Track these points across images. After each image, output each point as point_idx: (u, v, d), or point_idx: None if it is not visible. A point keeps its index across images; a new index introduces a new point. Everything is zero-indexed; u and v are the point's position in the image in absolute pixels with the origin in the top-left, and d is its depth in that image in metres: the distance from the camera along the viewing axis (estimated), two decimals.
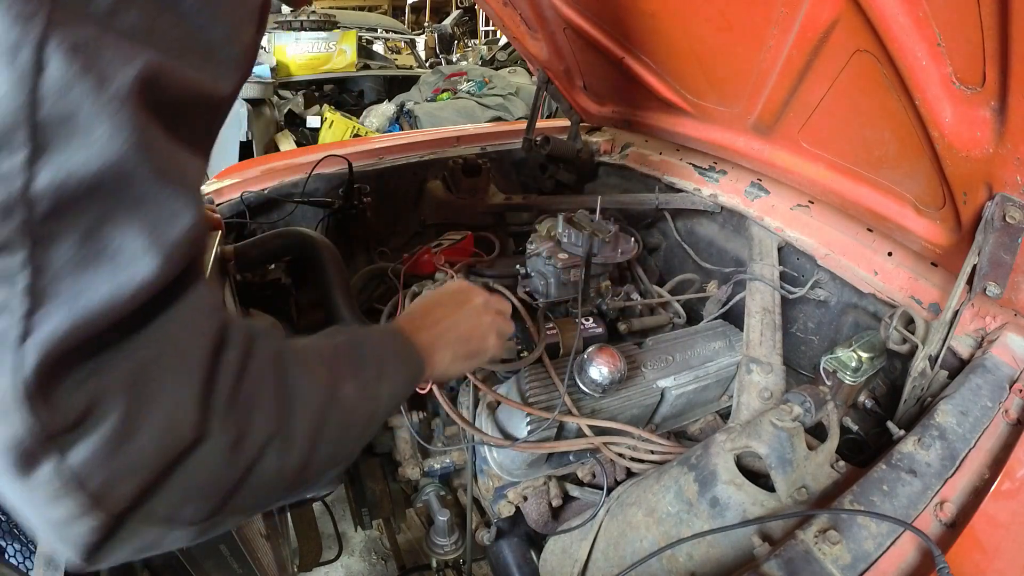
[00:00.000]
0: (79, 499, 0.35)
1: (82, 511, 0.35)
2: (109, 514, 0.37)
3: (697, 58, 1.31)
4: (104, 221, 0.32)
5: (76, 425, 0.34)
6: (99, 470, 0.35)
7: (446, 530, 1.33)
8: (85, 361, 0.34)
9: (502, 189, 1.99)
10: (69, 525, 0.36)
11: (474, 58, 8.29)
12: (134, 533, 0.39)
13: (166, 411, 0.38)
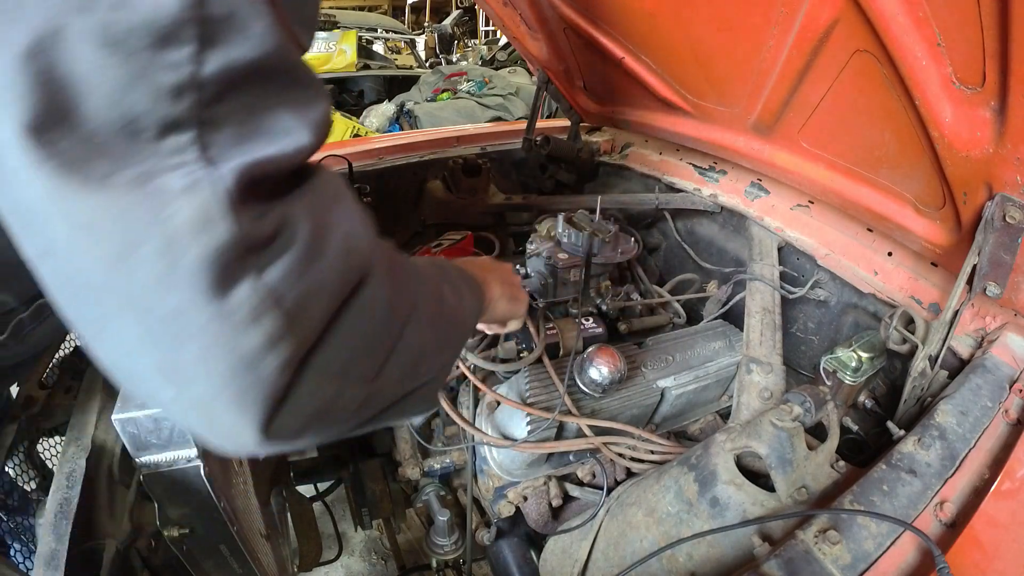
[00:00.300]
0: (274, 320, 0.36)
1: (276, 336, 0.36)
2: (298, 345, 0.38)
3: (697, 58, 1.31)
4: (261, 103, 0.36)
5: (271, 240, 0.36)
6: (292, 288, 0.37)
7: (446, 530, 1.33)
8: (270, 192, 0.37)
9: (502, 189, 1.99)
10: (261, 357, 0.36)
11: (474, 58, 8.29)
12: (313, 387, 0.40)
13: (343, 238, 0.41)
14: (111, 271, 0.33)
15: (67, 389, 0.94)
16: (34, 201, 0.32)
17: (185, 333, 0.35)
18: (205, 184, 0.33)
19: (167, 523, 0.78)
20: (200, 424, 0.39)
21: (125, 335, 0.35)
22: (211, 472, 0.75)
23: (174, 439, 0.71)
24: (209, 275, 0.34)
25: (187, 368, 0.36)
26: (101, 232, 0.32)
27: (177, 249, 0.33)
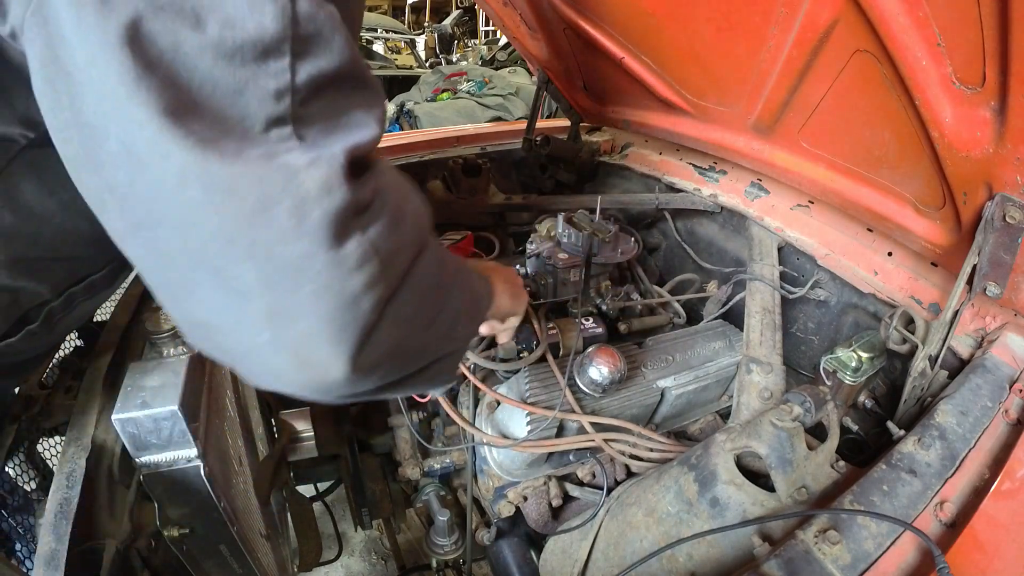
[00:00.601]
0: (373, 268, 0.45)
1: (374, 280, 0.46)
2: (387, 289, 0.48)
3: (697, 58, 1.31)
4: (341, 102, 0.46)
5: (370, 205, 0.46)
6: (386, 243, 0.47)
7: (446, 530, 1.33)
8: (362, 169, 0.46)
9: (502, 189, 1.99)
10: (361, 297, 0.45)
11: (474, 58, 8.28)
12: (390, 328, 0.49)
13: (414, 208, 0.54)
14: (246, 225, 0.41)
15: (67, 389, 0.94)
16: (168, 172, 0.39)
17: (303, 276, 0.43)
18: (324, 160, 0.43)
19: (167, 523, 0.78)
20: (291, 363, 0.46)
21: (241, 282, 0.43)
22: (211, 472, 0.75)
23: (174, 439, 0.71)
24: (330, 230, 0.43)
25: (297, 307, 0.44)
26: (241, 193, 0.40)
27: (305, 208, 0.42)
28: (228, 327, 0.46)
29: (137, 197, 0.41)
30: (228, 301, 0.44)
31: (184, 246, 0.42)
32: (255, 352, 0.47)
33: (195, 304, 0.46)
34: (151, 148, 0.38)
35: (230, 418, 1.02)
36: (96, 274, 0.78)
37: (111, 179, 0.41)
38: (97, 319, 1.13)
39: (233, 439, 1.02)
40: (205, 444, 0.75)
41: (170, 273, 0.45)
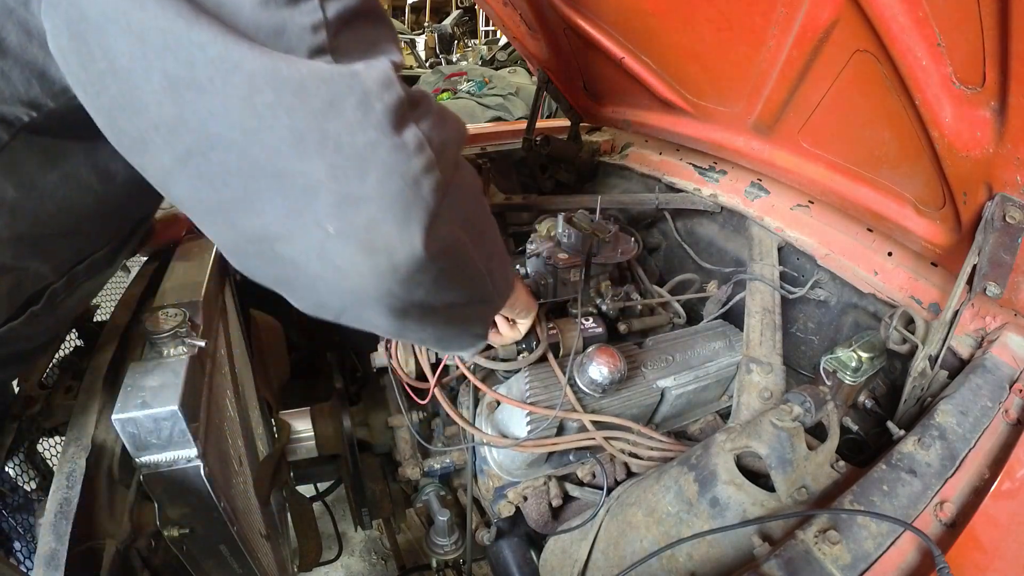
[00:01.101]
0: (429, 154, 0.51)
1: (430, 164, 0.51)
2: (442, 174, 0.52)
3: (697, 58, 1.31)
4: (368, 31, 0.52)
5: (420, 103, 0.53)
6: (436, 135, 0.53)
7: (446, 530, 1.33)
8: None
9: (502, 189, 1.99)
10: (422, 178, 0.50)
11: (474, 58, 8.28)
12: (449, 221, 0.55)
13: (453, 116, 0.61)
14: (317, 120, 0.45)
15: (67, 389, 0.94)
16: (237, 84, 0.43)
17: (371, 162, 0.48)
18: (378, 64, 0.49)
19: (167, 523, 0.78)
20: (357, 251, 0.50)
21: (309, 178, 0.46)
22: (211, 472, 0.75)
23: (174, 439, 0.71)
24: (392, 120, 0.48)
25: (366, 192, 0.48)
26: (312, 92, 0.45)
27: (370, 101, 0.47)
28: (291, 231, 0.49)
29: (189, 125, 0.44)
30: (293, 201, 0.47)
31: (244, 159, 0.46)
32: (320, 252, 0.50)
33: (254, 217, 0.49)
34: (217, 66, 0.42)
35: (230, 418, 1.02)
36: (97, 252, 0.80)
37: (156, 117, 0.44)
38: (97, 319, 1.13)
39: (233, 439, 1.02)
40: (205, 444, 0.75)
41: (225, 193, 0.48)
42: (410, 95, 0.51)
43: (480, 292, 0.71)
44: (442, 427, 1.36)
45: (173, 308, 0.83)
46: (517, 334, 1.14)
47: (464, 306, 0.70)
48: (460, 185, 0.58)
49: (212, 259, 1.09)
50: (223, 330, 1.09)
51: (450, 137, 0.56)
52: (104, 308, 1.17)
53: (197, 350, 0.80)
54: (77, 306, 0.89)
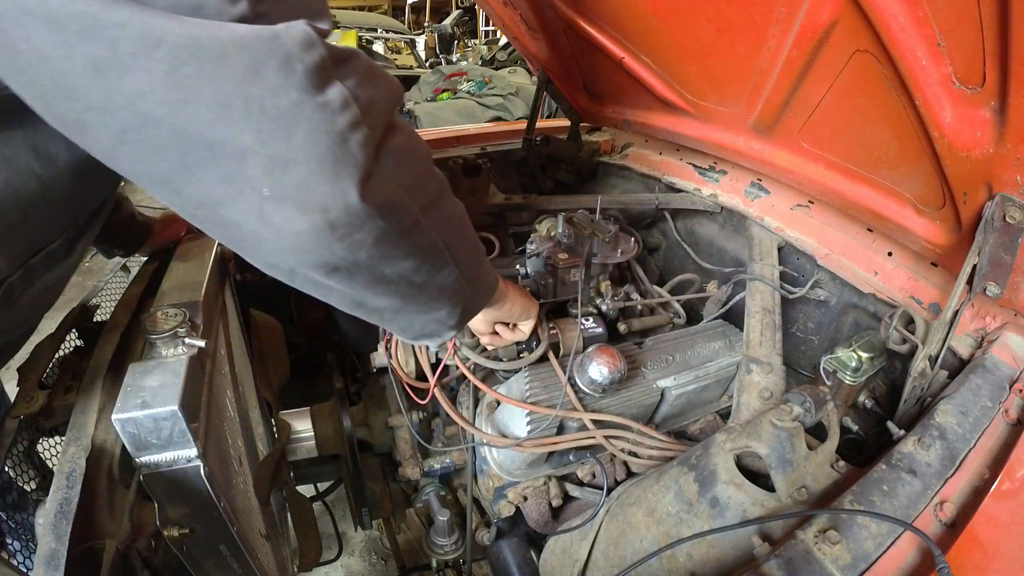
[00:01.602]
0: (354, 109, 0.51)
1: (357, 120, 0.51)
2: (371, 130, 0.52)
3: (697, 58, 1.31)
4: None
5: (346, 60, 0.52)
6: (363, 91, 0.52)
7: (446, 530, 1.33)
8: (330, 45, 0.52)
9: (502, 189, 1.99)
10: (349, 134, 0.50)
11: (474, 58, 8.28)
12: (386, 178, 0.55)
13: (382, 71, 0.58)
14: (241, 86, 0.45)
15: (67, 389, 0.94)
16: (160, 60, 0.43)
17: (296, 122, 0.48)
18: (299, 24, 0.48)
19: (167, 523, 0.78)
20: (293, 210, 0.50)
21: (238, 143, 0.47)
22: (211, 472, 0.75)
23: (174, 439, 0.71)
24: (314, 79, 0.48)
25: (294, 152, 0.48)
26: (233, 58, 0.45)
27: (291, 63, 0.47)
28: (229, 195, 0.50)
29: (118, 105, 0.44)
30: (226, 168, 0.48)
31: (178, 130, 0.46)
32: (259, 212, 0.51)
33: (194, 185, 0.50)
34: (138, 44, 0.42)
35: (230, 418, 1.02)
36: (52, 243, 0.79)
37: (87, 99, 0.44)
38: (97, 319, 1.13)
39: (233, 439, 1.02)
40: (205, 444, 0.75)
41: (164, 165, 0.48)
42: (334, 53, 0.51)
43: (439, 269, 0.70)
44: (442, 427, 1.36)
45: (173, 308, 0.83)
46: (521, 335, 1.15)
47: (423, 285, 0.69)
48: (400, 149, 0.58)
49: (212, 259, 1.09)
50: (223, 330, 1.09)
51: (379, 94, 0.55)
52: (104, 308, 1.17)
53: (197, 350, 0.80)
54: (39, 300, 0.88)
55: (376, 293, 0.65)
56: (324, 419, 1.40)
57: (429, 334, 0.79)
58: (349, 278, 0.60)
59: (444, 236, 0.68)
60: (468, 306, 0.81)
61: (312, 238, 0.52)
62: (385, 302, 0.68)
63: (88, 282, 3.79)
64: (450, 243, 0.70)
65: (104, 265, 3.95)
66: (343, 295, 0.64)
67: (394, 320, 0.74)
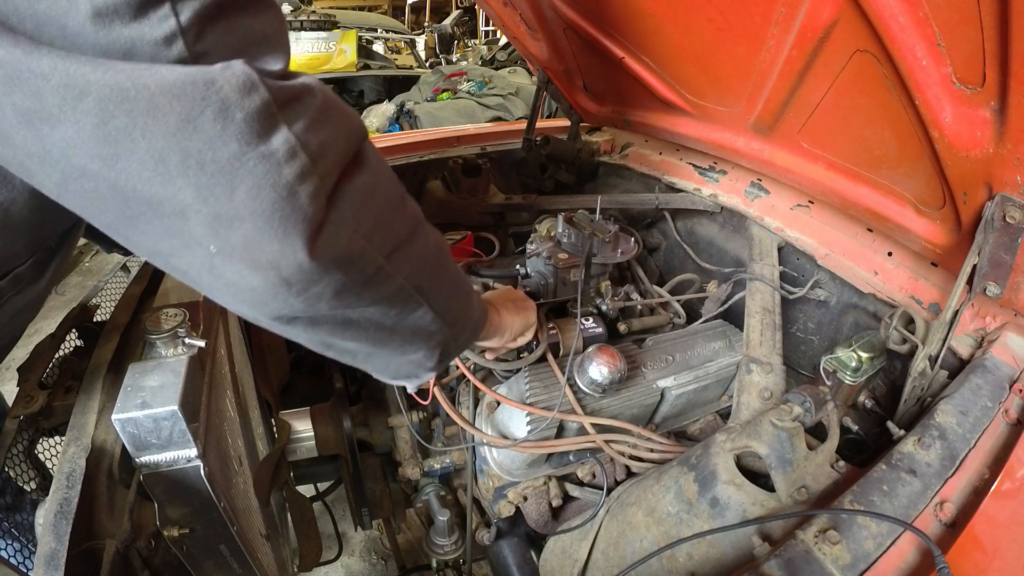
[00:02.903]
0: (303, 159, 0.47)
1: (305, 170, 0.47)
2: (322, 180, 0.48)
3: (697, 58, 1.31)
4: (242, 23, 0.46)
5: (295, 101, 0.47)
6: (313, 136, 0.48)
7: (446, 530, 1.33)
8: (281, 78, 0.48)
9: (502, 189, 1.99)
10: (296, 186, 0.46)
11: (474, 58, 8.28)
12: (340, 230, 0.51)
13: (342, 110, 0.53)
14: (175, 139, 0.42)
15: (67, 389, 0.94)
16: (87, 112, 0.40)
17: (238, 177, 0.44)
18: (238, 64, 0.44)
19: (167, 523, 0.78)
20: (244, 269, 0.47)
21: (177, 201, 0.44)
22: (211, 472, 0.75)
23: (174, 439, 0.71)
24: (255, 127, 0.44)
25: (237, 209, 0.45)
26: (164, 110, 0.41)
27: (229, 111, 0.43)
28: (177, 249, 0.47)
29: (53, 156, 0.42)
30: (169, 225, 0.45)
31: (113, 185, 0.43)
32: (209, 268, 0.48)
33: (141, 236, 0.47)
34: (63, 94, 0.40)
35: (230, 418, 1.02)
36: (20, 266, 0.77)
37: (24, 148, 0.42)
38: (97, 319, 1.13)
39: (233, 439, 1.02)
40: (205, 444, 0.75)
41: (108, 215, 0.46)
42: (279, 94, 0.46)
43: (411, 311, 0.65)
44: (442, 427, 1.36)
45: (173, 308, 0.83)
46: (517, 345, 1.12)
47: (393, 328, 0.64)
48: (361, 190, 0.53)
49: None
50: (223, 330, 1.09)
51: (334, 135, 0.51)
52: (104, 308, 1.17)
53: (197, 350, 0.80)
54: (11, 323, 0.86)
55: (343, 338, 0.61)
56: (324, 419, 1.40)
57: (406, 375, 0.75)
58: (312, 326, 0.57)
59: (415, 279, 0.63)
60: (449, 347, 0.75)
61: (267, 293, 0.50)
62: (354, 345, 0.64)
63: (88, 282, 3.79)
64: (423, 286, 0.65)
65: (104, 265, 3.95)
66: (310, 339, 0.61)
67: (367, 362, 0.70)
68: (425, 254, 0.65)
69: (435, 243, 0.68)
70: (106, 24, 0.40)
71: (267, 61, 0.48)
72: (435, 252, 0.68)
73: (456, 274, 0.75)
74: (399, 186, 0.62)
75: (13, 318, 0.85)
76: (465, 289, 0.79)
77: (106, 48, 0.40)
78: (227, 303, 0.53)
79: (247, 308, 0.52)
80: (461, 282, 0.78)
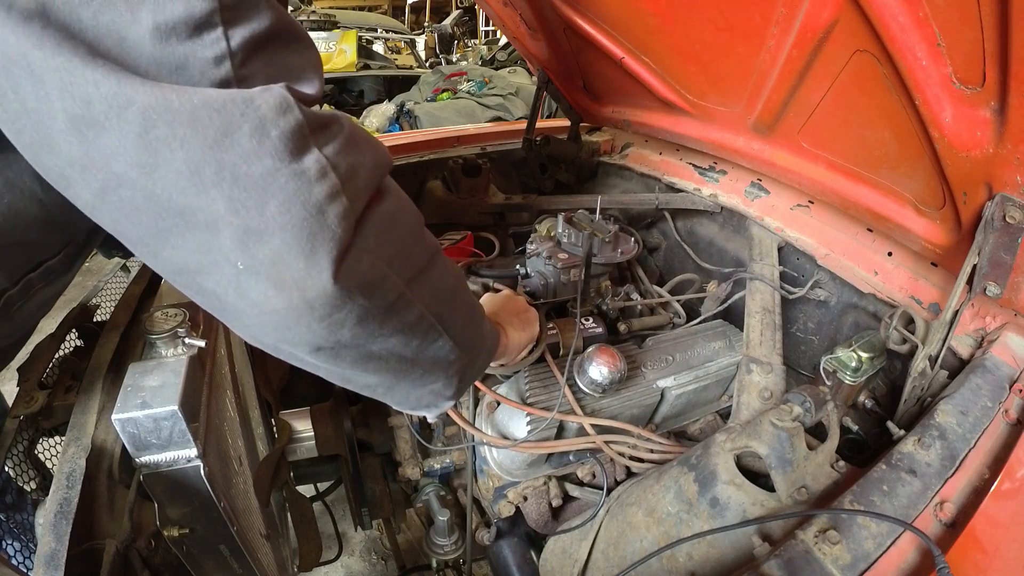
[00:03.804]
0: (333, 179, 0.48)
1: (335, 190, 0.48)
2: (351, 202, 0.50)
3: (697, 58, 1.31)
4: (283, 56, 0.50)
5: (327, 126, 0.50)
6: (343, 160, 0.50)
7: (446, 530, 1.33)
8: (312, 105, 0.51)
9: (502, 189, 1.99)
10: (326, 205, 0.48)
11: (474, 58, 8.28)
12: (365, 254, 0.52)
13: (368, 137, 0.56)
14: (212, 151, 0.44)
15: (67, 389, 0.94)
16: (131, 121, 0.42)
17: (269, 191, 0.46)
18: (275, 89, 0.46)
19: (167, 523, 0.78)
20: (269, 287, 0.48)
21: (209, 212, 0.45)
22: (211, 472, 0.75)
23: (174, 439, 0.71)
24: (289, 145, 0.46)
25: (267, 224, 0.46)
26: (204, 123, 0.43)
27: (265, 128, 0.45)
28: (205, 265, 0.48)
29: (96, 163, 0.43)
30: (199, 238, 0.46)
31: (150, 195, 0.44)
32: (236, 286, 0.49)
33: (171, 251, 0.48)
34: (110, 102, 0.41)
35: (230, 418, 1.02)
36: (51, 259, 0.79)
37: (68, 155, 0.43)
38: (97, 319, 1.13)
39: (233, 439, 1.02)
40: (205, 444, 0.75)
41: (141, 228, 0.47)
42: (312, 119, 0.48)
43: (432, 342, 0.66)
44: (442, 427, 1.36)
45: (173, 308, 0.83)
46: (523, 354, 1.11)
47: (414, 359, 0.65)
48: (384, 217, 0.55)
49: None
50: (223, 330, 1.09)
51: (362, 161, 0.52)
52: (104, 308, 1.17)
53: (197, 350, 0.80)
54: (37, 312, 0.88)
55: (364, 371, 0.62)
56: (324, 419, 1.40)
57: (427, 405, 0.75)
58: (334, 357, 0.57)
59: (435, 308, 0.64)
60: (467, 374, 0.76)
61: (291, 317, 0.50)
62: (375, 379, 0.65)
63: (88, 282, 3.79)
64: (442, 314, 0.66)
65: (104, 265, 3.94)
66: (331, 372, 0.61)
67: (388, 395, 0.70)
68: (443, 283, 0.66)
69: (452, 272, 0.69)
70: (163, 39, 0.42)
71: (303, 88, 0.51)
72: (452, 282, 0.69)
73: (470, 302, 0.76)
74: (419, 216, 0.63)
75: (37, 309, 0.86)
76: (478, 316, 0.80)
77: (160, 61, 0.43)
78: (250, 329, 0.53)
79: (270, 332, 0.52)
80: (475, 309, 0.79)
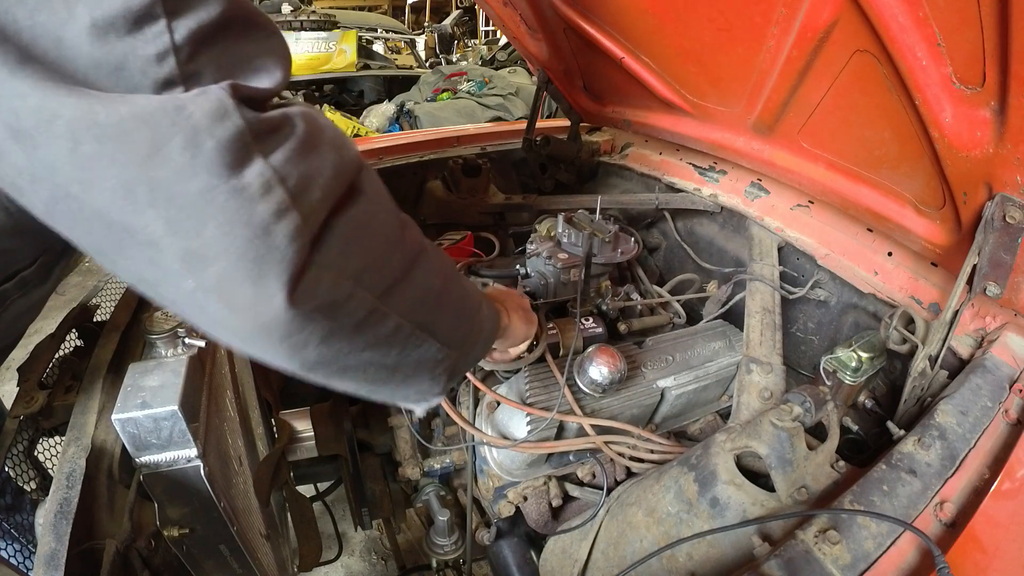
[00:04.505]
0: (280, 194, 0.43)
1: (283, 207, 0.43)
2: (303, 219, 0.44)
3: (697, 58, 1.31)
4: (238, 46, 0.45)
5: (275, 131, 0.44)
6: (294, 169, 0.44)
7: (446, 530, 1.33)
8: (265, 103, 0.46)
9: (502, 189, 1.99)
10: (272, 225, 0.43)
11: (474, 58, 8.28)
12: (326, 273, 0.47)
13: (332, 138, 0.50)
14: (142, 168, 0.40)
15: (67, 389, 0.94)
16: (60, 135, 0.39)
17: (207, 212, 0.41)
18: (214, 90, 0.42)
19: (167, 523, 0.78)
20: (224, 309, 0.44)
21: (150, 232, 0.41)
22: (211, 472, 0.75)
23: (174, 439, 0.71)
24: (226, 157, 0.41)
25: (209, 246, 0.42)
26: (132, 137, 0.39)
27: (198, 140, 0.40)
28: (161, 279, 0.45)
29: (40, 175, 0.41)
30: (146, 254, 0.43)
31: (93, 209, 0.42)
32: (192, 301, 0.46)
33: (126, 262, 0.45)
34: (38, 116, 0.39)
35: (230, 418, 1.02)
36: (26, 270, 0.77)
37: (15, 164, 0.41)
38: (97, 319, 1.13)
39: (233, 439, 1.02)
40: (205, 444, 0.75)
41: (94, 238, 0.44)
42: (257, 123, 0.43)
43: (414, 348, 0.61)
44: (442, 427, 1.36)
45: None
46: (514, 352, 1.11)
47: (395, 366, 0.60)
48: (354, 224, 0.49)
49: None
50: None
51: (319, 168, 0.47)
52: (104, 308, 1.17)
53: (197, 350, 0.80)
54: (16, 322, 0.86)
55: (342, 380, 0.57)
56: (324, 419, 1.40)
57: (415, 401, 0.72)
58: (307, 371, 0.53)
59: (416, 315, 0.59)
60: (458, 367, 0.72)
61: (250, 337, 0.47)
62: (354, 386, 0.60)
63: (88, 282, 3.79)
64: (425, 320, 0.61)
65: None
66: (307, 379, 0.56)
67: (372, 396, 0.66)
68: (428, 285, 0.61)
69: (439, 270, 0.64)
70: (101, 37, 0.39)
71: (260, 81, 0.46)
72: (438, 282, 0.63)
73: (462, 294, 0.71)
74: (396, 216, 0.58)
75: (16, 320, 0.85)
76: (472, 306, 0.75)
77: (99, 62, 0.39)
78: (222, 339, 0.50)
79: (238, 344, 0.49)
80: (468, 301, 0.73)
